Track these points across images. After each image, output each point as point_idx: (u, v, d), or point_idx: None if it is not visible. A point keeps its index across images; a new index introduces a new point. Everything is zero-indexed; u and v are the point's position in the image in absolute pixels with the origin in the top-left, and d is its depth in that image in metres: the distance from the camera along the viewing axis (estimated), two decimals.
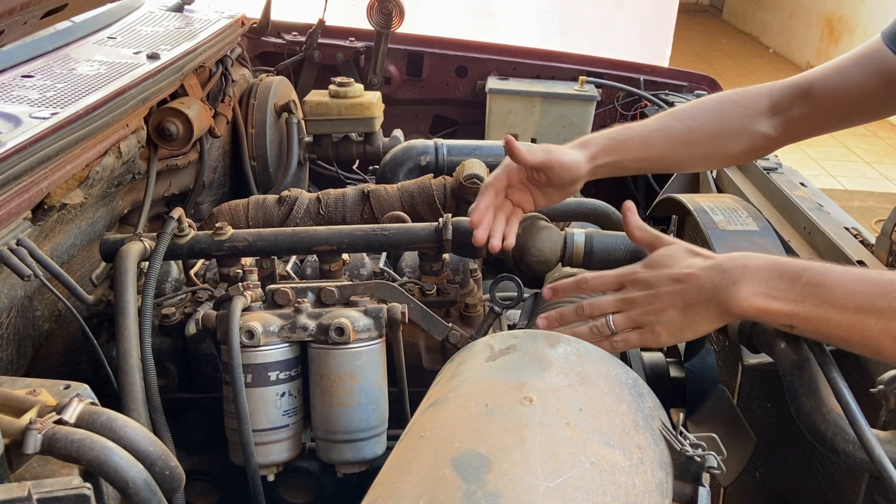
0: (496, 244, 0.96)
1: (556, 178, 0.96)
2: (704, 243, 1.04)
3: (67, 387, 0.75)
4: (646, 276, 0.81)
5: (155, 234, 1.08)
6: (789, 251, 1.10)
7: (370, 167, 1.84)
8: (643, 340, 0.81)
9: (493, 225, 0.96)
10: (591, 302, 0.84)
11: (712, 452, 0.70)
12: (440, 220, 1.09)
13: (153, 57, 1.39)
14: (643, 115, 2.05)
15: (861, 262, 0.97)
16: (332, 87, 1.68)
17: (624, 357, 1.09)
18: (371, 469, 1.02)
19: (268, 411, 0.98)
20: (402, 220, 1.25)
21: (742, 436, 0.97)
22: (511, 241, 0.97)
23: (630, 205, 0.90)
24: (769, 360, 0.79)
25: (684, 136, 0.99)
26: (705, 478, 0.70)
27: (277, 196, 1.45)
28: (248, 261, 1.14)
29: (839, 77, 0.96)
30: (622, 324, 0.82)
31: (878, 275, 0.71)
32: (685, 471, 0.70)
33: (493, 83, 2.04)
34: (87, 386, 0.76)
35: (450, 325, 1.08)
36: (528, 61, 2.10)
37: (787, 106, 0.98)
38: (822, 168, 4.72)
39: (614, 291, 0.83)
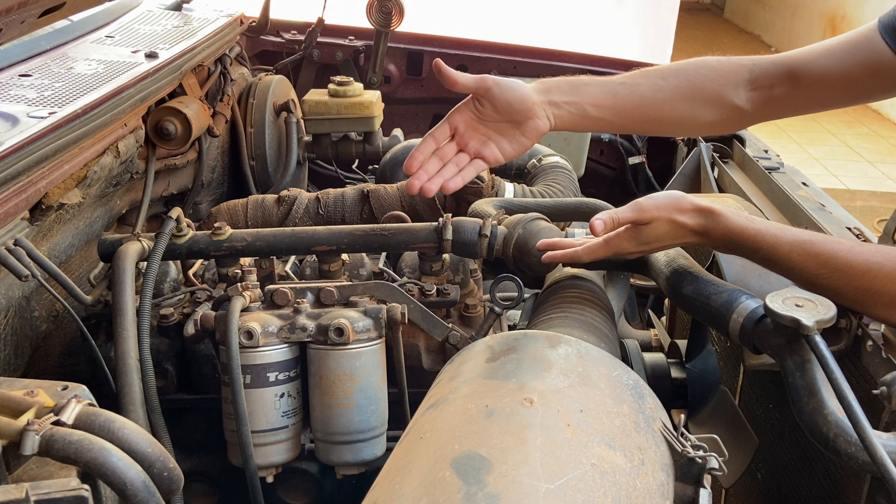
0: (431, 187, 0.89)
1: (501, 102, 0.90)
2: None
3: (65, 388, 0.75)
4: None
5: (153, 234, 1.08)
6: None
7: (370, 167, 1.84)
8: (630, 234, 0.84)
9: (440, 171, 0.89)
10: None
11: (714, 454, 0.69)
12: (440, 219, 1.08)
13: (151, 56, 1.38)
14: None
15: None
16: (331, 86, 1.67)
17: (625, 358, 1.09)
18: (370, 470, 1.02)
19: (267, 412, 0.98)
20: (402, 220, 1.25)
21: (744, 437, 0.96)
22: (451, 185, 0.89)
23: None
24: (771, 361, 0.79)
25: (652, 93, 0.95)
26: (707, 479, 0.69)
27: (276, 196, 1.45)
28: (246, 261, 1.14)
29: (826, 61, 0.94)
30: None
31: (822, 246, 0.78)
32: (686, 472, 0.69)
33: None
34: (84, 387, 0.76)
35: (450, 325, 1.07)
36: (528, 60, 2.10)
37: (768, 83, 0.95)
38: (824, 167, 4.72)
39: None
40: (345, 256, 1.16)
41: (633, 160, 2.02)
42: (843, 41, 0.94)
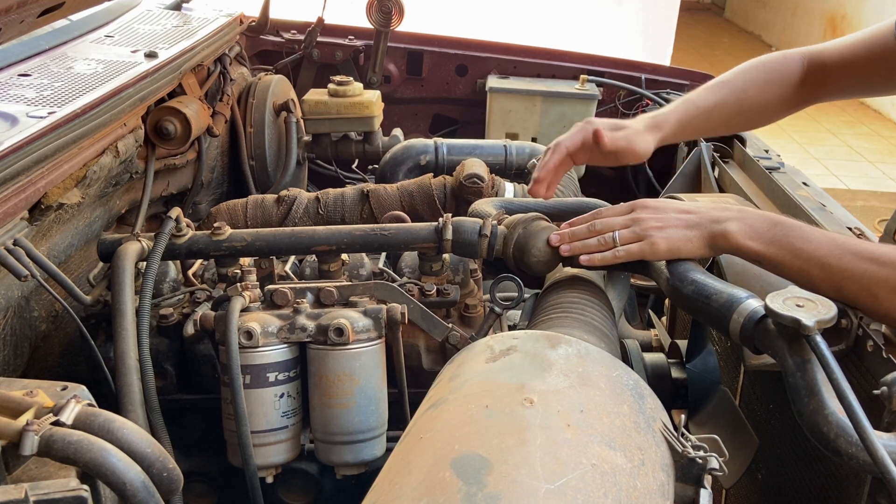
0: (551, 195, 1.09)
1: (625, 161, 1.07)
2: None
3: (65, 388, 0.75)
4: (656, 203, 0.94)
5: (153, 234, 1.08)
6: None
7: (369, 166, 1.84)
8: (642, 251, 0.90)
9: (552, 180, 1.07)
10: (602, 220, 0.96)
11: (714, 454, 0.69)
12: (440, 219, 1.08)
13: (151, 55, 1.38)
14: None
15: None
16: (331, 85, 1.67)
17: (625, 358, 1.09)
18: (370, 471, 1.02)
19: (266, 412, 0.97)
20: (402, 220, 1.25)
21: (744, 437, 0.96)
22: (552, 192, 1.09)
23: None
24: (771, 361, 0.79)
25: (737, 108, 1.11)
26: (707, 479, 0.69)
27: (276, 196, 1.45)
28: (246, 261, 1.14)
29: (847, 52, 1.07)
30: (627, 237, 0.92)
31: (841, 238, 0.83)
32: (687, 472, 0.69)
33: (493, 82, 2.04)
34: (84, 387, 0.76)
35: (450, 325, 1.07)
36: (528, 60, 2.10)
37: (818, 77, 1.09)
38: (824, 167, 4.71)
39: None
40: (345, 256, 1.16)
41: None
42: (860, 37, 1.06)
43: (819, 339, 0.71)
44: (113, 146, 1.20)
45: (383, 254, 1.23)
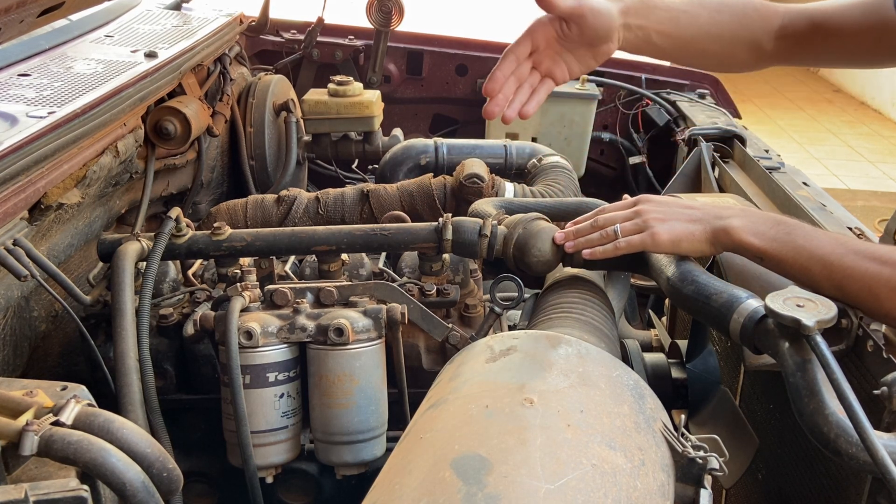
0: (510, 114, 0.89)
1: (590, 28, 0.91)
2: None
3: (64, 388, 0.75)
4: (659, 198, 0.93)
5: (152, 234, 1.08)
6: None
7: (369, 166, 1.84)
8: (643, 242, 0.89)
9: (514, 96, 0.90)
10: (604, 216, 0.95)
11: (714, 454, 0.69)
12: (440, 219, 1.08)
13: (151, 55, 1.38)
14: (645, 115, 2.05)
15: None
16: (331, 85, 1.67)
17: (625, 358, 1.09)
18: (370, 471, 1.02)
19: (266, 413, 0.97)
20: (402, 220, 1.25)
21: (744, 437, 0.96)
22: (529, 110, 0.90)
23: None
24: (771, 361, 0.78)
25: (709, 27, 0.99)
26: (707, 480, 0.69)
27: (276, 196, 1.45)
28: (246, 261, 1.14)
29: (839, 16, 0.97)
30: (629, 229, 0.91)
31: (844, 237, 0.82)
32: (687, 473, 0.69)
33: None
34: (84, 387, 0.76)
35: (450, 325, 1.07)
36: None
37: (798, 34, 1.00)
38: (825, 167, 4.71)
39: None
40: (344, 256, 1.16)
41: (633, 160, 2.02)
42: (855, 3, 0.98)
43: (819, 339, 0.71)
44: (113, 146, 1.20)
45: (383, 254, 1.23)
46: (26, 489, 0.63)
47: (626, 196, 1.00)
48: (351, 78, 1.69)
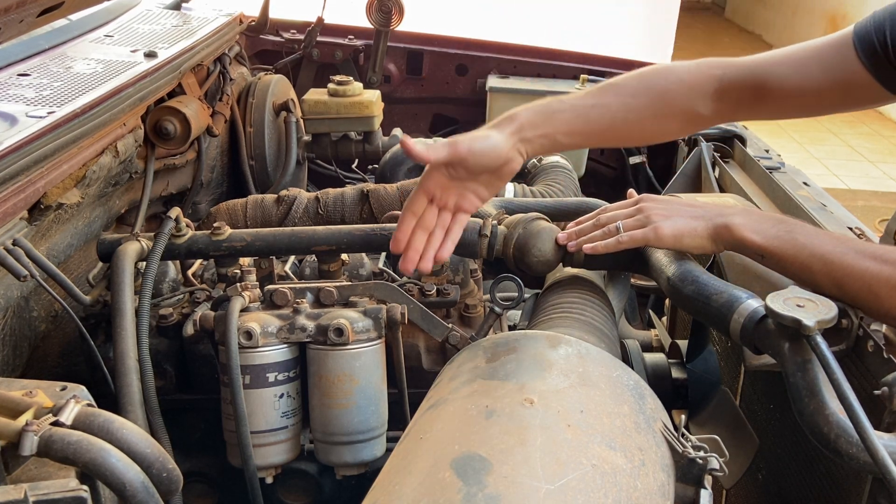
0: (425, 266, 0.88)
1: (477, 167, 0.88)
2: None
3: (64, 388, 0.75)
4: (661, 197, 0.94)
5: (152, 234, 1.08)
6: None
7: (369, 166, 1.84)
8: (646, 237, 0.90)
9: (427, 244, 0.88)
10: (607, 214, 0.95)
11: (714, 454, 0.69)
12: None
13: (150, 55, 1.38)
14: None
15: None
16: (330, 85, 1.67)
17: (625, 358, 1.09)
18: (370, 471, 1.02)
19: (266, 413, 0.97)
20: None
21: (744, 438, 0.96)
22: (445, 253, 0.89)
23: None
24: (772, 361, 0.78)
25: (623, 114, 0.94)
26: (707, 480, 0.69)
27: (276, 195, 1.45)
28: (246, 261, 1.13)
29: (797, 76, 0.91)
30: (631, 225, 0.91)
31: (844, 236, 0.81)
32: (687, 473, 0.69)
33: (493, 82, 2.03)
34: (83, 387, 0.76)
35: (450, 325, 1.07)
36: (529, 59, 2.09)
37: (736, 96, 0.94)
38: (825, 167, 4.71)
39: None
40: (344, 256, 1.16)
41: (633, 160, 2.01)
42: (815, 54, 0.91)
43: (819, 339, 0.71)
44: (112, 146, 1.20)
45: (383, 254, 1.23)
46: (26, 489, 0.63)
47: (631, 191, 1.00)
48: (351, 78, 1.69)
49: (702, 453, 0.68)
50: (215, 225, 1.09)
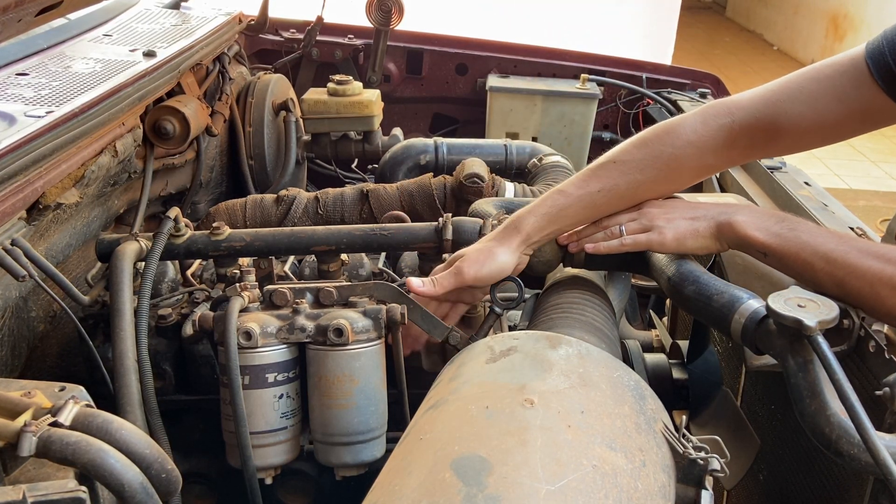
0: None
1: (484, 285, 0.97)
2: None
3: (63, 389, 0.75)
4: (663, 201, 0.94)
5: (151, 234, 1.08)
6: None
7: (369, 166, 1.83)
8: (649, 240, 0.89)
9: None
10: (610, 217, 0.95)
11: (715, 455, 0.69)
12: (440, 219, 1.08)
13: (149, 55, 1.38)
14: (646, 114, 2.04)
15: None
16: (330, 85, 1.67)
17: (626, 358, 1.08)
18: (370, 472, 1.02)
19: (265, 413, 0.97)
20: (402, 220, 1.24)
21: (745, 438, 0.96)
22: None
23: None
24: (773, 361, 0.78)
25: (631, 192, 0.93)
26: (708, 481, 0.69)
27: (275, 195, 1.44)
28: (245, 261, 1.13)
29: (812, 114, 0.86)
30: (634, 229, 0.91)
31: (847, 235, 0.81)
32: (688, 474, 0.69)
33: (493, 81, 2.03)
34: (82, 388, 0.76)
35: (450, 326, 1.07)
36: (529, 59, 2.09)
37: (748, 140, 0.90)
38: (826, 167, 4.71)
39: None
40: (344, 256, 1.16)
41: None
42: (829, 87, 0.86)
43: (821, 339, 0.70)
44: (111, 146, 1.19)
45: (383, 254, 1.23)
46: (24, 490, 0.63)
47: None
48: (350, 77, 1.69)
49: (703, 454, 0.68)
50: (214, 225, 1.09)
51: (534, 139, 1.99)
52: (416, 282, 0.95)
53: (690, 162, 0.92)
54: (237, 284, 1.01)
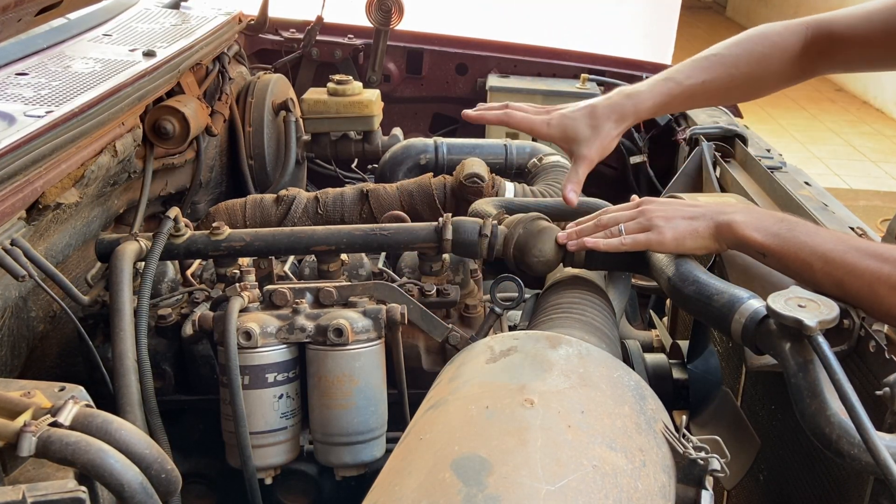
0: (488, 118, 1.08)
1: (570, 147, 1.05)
2: None
3: (62, 389, 0.75)
4: (662, 200, 0.95)
5: (151, 233, 1.07)
6: None
7: (369, 166, 1.83)
8: (648, 240, 0.90)
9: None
10: (608, 216, 0.96)
11: (715, 455, 0.69)
12: (440, 219, 1.07)
13: (149, 54, 1.38)
14: None
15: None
16: (330, 84, 1.67)
17: (626, 358, 1.08)
18: (370, 472, 1.02)
19: (265, 413, 0.97)
20: (402, 220, 1.24)
21: (746, 438, 0.96)
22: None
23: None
24: (773, 361, 0.78)
25: (727, 84, 1.04)
26: (708, 481, 0.69)
27: (275, 195, 1.44)
28: (245, 261, 1.13)
29: (863, 25, 0.99)
30: (633, 228, 0.92)
31: (846, 235, 0.83)
32: (688, 474, 0.69)
33: (493, 81, 2.03)
34: (82, 388, 0.76)
35: (450, 326, 1.07)
36: (529, 59, 2.09)
37: (817, 48, 1.02)
38: (826, 167, 4.71)
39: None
40: (344, 256, 1.15)
41: (634, 159, 2.01)
42: (882, 6, 0.98)
43: (821, 339, 0.70)
44: (111, 145, 1.19)
45: (383, 254, 1.23)
46: (24, 490, 0.62)
47: (634, 197, 1.00)
48: (350, 77, 1.69)
49: (703, 454, 0.68)
50: (214, 225, 1.09)
51: (534, 139, 1.99)
52: (571, 196, 1.04)
53: (774, 63, 1.03)
54: (237, 284, 1.01)
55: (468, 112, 1.09)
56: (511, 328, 1.16)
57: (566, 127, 1.04)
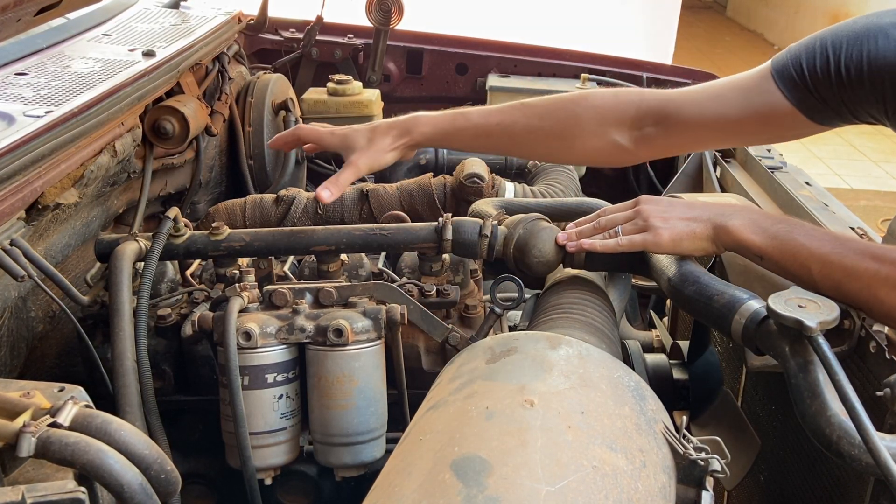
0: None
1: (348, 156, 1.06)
2: None
3: (62, 389, 0.75)
4: (660, 199, 0.94)
5: (151, 234, 1.07)
6: None
7: None
8: (645, 242, 0.90)
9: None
10: (606, 217, 0.95)
11: (716, 456, 0.69)
12: (440, 219, 1.07)
13: (149, 54, 1.37)
14: None
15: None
16: (330, 84, 1.67)
17: (626, 359, 1.08)
18: (370, 472, 1.01)
19: (265, 414, 0.97)
20: (402, 220, 1.24)
21: (746, 439, 0.96)
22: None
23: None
24: (773, 362, 0.78)
25: (525, 135, 1.01)
26: (709, 482, 0.69)
27: (275, 195, 1.44)
28: (245, 261, 1.13)
29: (714, 104, 0.95)
30: (630, 230, 0.92)
31: (844, 236, 0.82)
32: (688, 474, 0.69)
33: (493, 81, 2.03)
34: (81, 388, 0.75)
35: (450, 326, 1.06)
36: (529, 59, 2.09)
37: (653, 123, 0.99)
38: (827, 167, 4.71)
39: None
40: (344, 257, 1.15)
41: None
42: (735, 86, 0.95)
43: (821, 340, 0.70)
44: (110, 145, 1.19)
45: (383, 254, 1.23)
46: (23, 491, 0.62)
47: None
48: (350, 77, 1.69)
49: (703, 455, 0.68)
50: (214, 225, 1.08)
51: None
52: (324, 193, 1.03)
53: (590, 126, 1.00)
54: (237, 285, 1.01)
55: (269, 142, 1.14)
56: (511, 328, 1.16)
57: (347, 137, 1.08)
